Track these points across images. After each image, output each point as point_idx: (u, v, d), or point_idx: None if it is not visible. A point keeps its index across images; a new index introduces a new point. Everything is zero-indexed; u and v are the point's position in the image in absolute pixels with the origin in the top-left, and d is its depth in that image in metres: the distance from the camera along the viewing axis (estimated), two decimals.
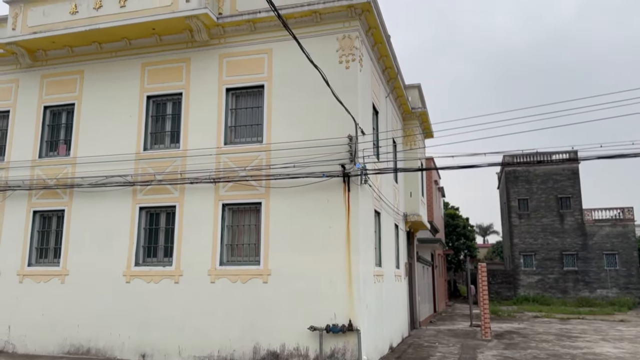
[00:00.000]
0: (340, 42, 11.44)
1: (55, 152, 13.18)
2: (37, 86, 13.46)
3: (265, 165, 11.37)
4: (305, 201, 10.98)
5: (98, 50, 12.90)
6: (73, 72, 13.17)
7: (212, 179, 11.57)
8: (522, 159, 39.85)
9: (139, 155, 12.22)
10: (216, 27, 11.98)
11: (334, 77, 10.62)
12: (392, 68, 14.36)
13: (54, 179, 12.69)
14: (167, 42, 12.44)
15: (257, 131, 11.81)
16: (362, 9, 11.31)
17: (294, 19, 11.52)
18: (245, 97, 12.14)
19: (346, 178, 10.77)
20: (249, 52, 12.04)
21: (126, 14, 12.01)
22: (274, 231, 11.07)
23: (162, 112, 12.58)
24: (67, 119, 13.23)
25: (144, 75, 12.58)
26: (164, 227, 12.00)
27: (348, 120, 10.82)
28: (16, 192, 12.94)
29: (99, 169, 12.24)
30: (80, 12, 12.43)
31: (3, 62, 13.89)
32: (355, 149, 10.78)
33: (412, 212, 17.68)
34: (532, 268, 39.31)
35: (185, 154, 11.94)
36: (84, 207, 12.38)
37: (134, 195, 12.09)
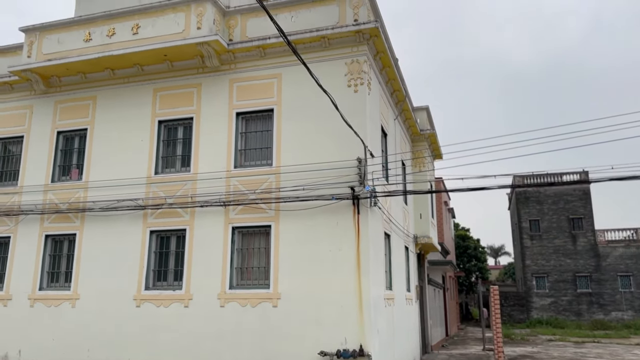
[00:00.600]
0: (349, 66, 11.58)
1: (67, 177, 13.34)
2: (51, 112, 13.71)
3: (274, 188, 11.42)
4: (315, 224, 10.98)
5: (111, 77, 13.15)
6: (86, 98, 13.42)
7: (222, 202, 11.62)
8: (533, 179, 39.64)
9: (150, 179, 12.33)
10: (227, 53, 12.20)
11: (343, 101, 10.72)
12: (400, 91, 14.47)
13: (66, 203, 12.81)
14: (178, 68, 12.67)
15: (267, 154, 11.89)
16: (370, 34, 11.47)
17: (303, 45, 11.70)
18: (255, 121, 12.27)
19: (356, 200, 10.77)
20: (259, 77, 12.21)
21: (138, 40, 12.28)
22: (284, 254, 11.04)
23: (173, 137, 12.74)
24: (80, 143, 13.43)
25: (156, 100, 12.78)
26: (174, 250, 12.03)
27: (357, 143, 10.88)
28: (29, 216, 13.07)
29: (111, 193, 12.35)
30: (94, 40, 12.72)
31: (18, 89, 14.19)
32: (364, 171, 10.81)
33: (423, 234, 17.57)
34: (544, 290, 38.71)
35: (196, 177, 12.03)
36: (95, 231, 12.46)
37: (144, 219, 12.17)
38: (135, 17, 12.42)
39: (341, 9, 11.80)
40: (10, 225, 13.27)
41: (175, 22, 12.08)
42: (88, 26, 12.84)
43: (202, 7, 11.93)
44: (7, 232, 13.29)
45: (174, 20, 12.10)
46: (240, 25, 12.50)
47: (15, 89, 14.22)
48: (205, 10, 11.90)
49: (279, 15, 11.96)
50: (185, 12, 12.04)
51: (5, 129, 14.20)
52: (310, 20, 11.98)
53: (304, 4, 12.08)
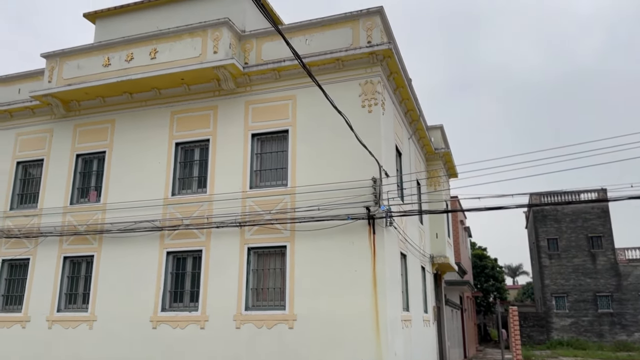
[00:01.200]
0: (363, 87, 11.67)
1: (86, 199, 13.53)
2: (70, 135, 13.99)
3: (290, 209, 11.45)
4: (331, 244, 10.95)
5: (129, 100, 13.41)
6: (105, 122, 13.68)
7: (237, 223, 11.67)
8: (550, 198, 39.14)
9: (167, 201, 12.45)
10: (242, 76, 12.38)
11: (357, 121, 10.78)
12: (414, 110, 14.51)
13: (84, 225, 12.97)
14: (195, 91, 12.88)
15: (282, 175, 11.96)
16: (384, 55, 11.57)
17: (317, 67, 11.84)
18: (270, 142, 12.37)
19: (371, 220, 10.74)
20: (274, 98, 12.35)
21: (156, 65, 12.54)
22: (299, 275, 11.01)
23: (189, 158, 12.89)
24: (98, 166, 13.64)
25: (173, 123, 12.98)
26: (190, 271, 12.06)
27: (372, 162, 10.90)
28: (48, 238, 13.24)
29: (128, 214, 12.48)
30: (113, 65, 13.03)
31: (39, 113, 14.53)
32: (379, 191, 10.80)
33: (439, 254, 17.40)
34: (564, 310, 37.88)
35: (212, 198, 12.11)
36: (113, 253, 12.57)
37: (161, 240, 12.25)
38: (153, 42, 12.71)
39: (354, 32, 11.95)
40: (30, 247, 13.45)
41: (192, 46, 12.34)
42: (107, 51, 13.17)
43: (219, 32, 12.17)
44: (26, 254, 13.46)
45: (191, 44, 12.36)
46: (255, 49, 12.71)
47: (36, 113, 14.56)
48: (222, 35, 12.14)
49: (294, 39, 12.14)
50: (202, 36, 12.30)
51: (26, 153, 14.50)
52: (324, 42, 12.14)
53: (318, 28, 12.26)
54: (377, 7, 11.80)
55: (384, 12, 11.90)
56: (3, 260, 13.77)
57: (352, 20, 12.02)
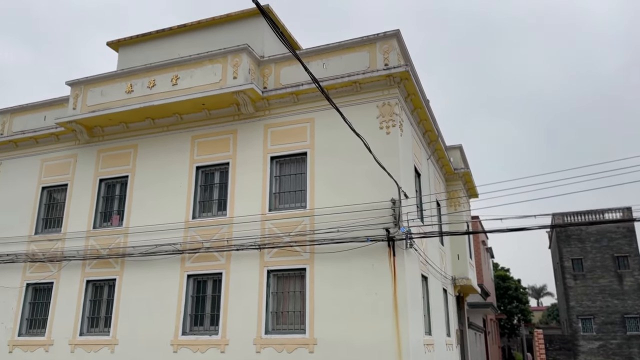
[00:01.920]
0: (380, 109, 11.73)
1: (108, 223, 13.73)
2: (94, 160, 14.29)
3: (309, 231, 11.44)
4: (350, 267, 10.89)
5: (151, 126, 13.69)
6: (127, 147, 13.96)
7: (257, 246, 11.69)
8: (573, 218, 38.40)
9: (187, 224, 12.57)
10: (261, 100, 12.56)
11: (375, 143, 10.81)
12: (432, 131, 14.50)
13: (107, 249, 13.14)
14: (215, 116, 13.10)
15: (301, 197, 11.99)
16: (401, 78, 11.65)
17: (335, 90, 11.96)
18: (289, 164, 12.46)
19: (391, 242, 10.67)
20: (292, 121, 12.48)
21: (178, 91, 12.81)
22: (319, 298, 10.94)
23: (210, 182, 13.03)
24: (121, 190, 13.87)
25: (194, 147, 13.18)
26: (210, 294, 12.08)
27: (391, 184, 10.88)
28: (71, 262, 13.44)
29: (150, 238, 12.62)
30: (136, 91, 13.35)
31: (64, 139, 14.89)
32: (399, 212, 10.75)
33: (461, 276, 17.14)
34: (592, 333, 36.77)
35: (232, 221, 12.19)
36: (135, 276, 12.68)
37: (182, 263, 12.33)
38: (175, 69, 13.01)
39: (371, 55, 12.08)
40: (54, 271, 13.66)
41: (212, 72, 12.59)
42: (130, 78, 13.51)
43: (238, 58, 12.42)
44: (50, 278, 13.66)
45: (211, 70, 12.62)
46: (274, 73, 12.91)
47: (61, 139, 14.93)
48: (241, 61, 12.38)
49: (311, 63, 12.31)
50: (221, 63, 12.56)
51: (50, 178, 14.83)
52: (341, 66, 12.28)
53: (335, 51, 12.43)
54: (393, 31, 11.93)
55: (400, 35, 12.02)
56: (27, 284, 13.98)
57: (369, 43, 12.16)
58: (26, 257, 14.06)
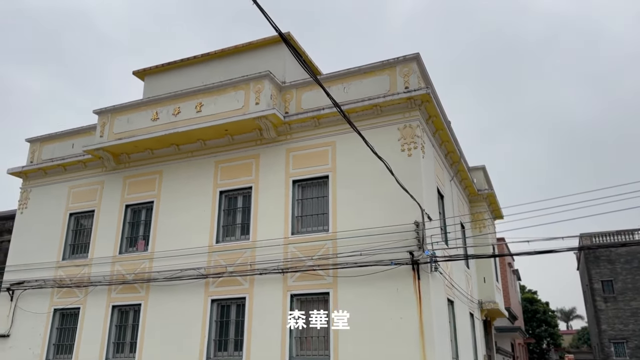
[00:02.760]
0: (402, 131, 11.75)
1: (134, 248, 13.91)
2: (120, 187, 14.57)
3: (332, 254, 11.40)
4: (374, 290, 10.77)
5: (176, 152, 13.94)
6: (153, 173, 14.22)
7: (280, 270, 11.68)
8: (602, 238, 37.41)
9: (211, 248, 12.65)
10: (283, 125, 12.72)
11: (397, 165, 10.79)
12: (454, 152, 14.42)
13: (132, 274, 13.28)
14: (238, 141, 13.28)
15: (323, 220, 11.99)
16: (422, 100, 11.68)
17: (355, 113, 12.04)
18: (311, 188, 12.50)
19: (415, 266, 10.54)
20: (314, 145, 12.57)
21: (202, 118, 13.06)
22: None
23: (233, 206, 13.14)
24: (146, 215, 14.08)
25: (217, 172, 13.36)
26: (234, 319, 12.06)
27: (413, 206, 10.80)
28: (97, 287, 13.61)
29: (174, 262, 12.72)
30: (161, 118, 13.65)
31: (91, 167, 15.25)
32: (422, 235, 10.64)
33: (488, 299, 16.78)
34: (625, 357, 35.37)
35: (255, 245, 12.23)
36: (159, 301, 12.75)
37: (206, 287, 12.37)
38: (199, 96, 13.30)
39: (392, 78, 12.16)
40: (80, 296, 13.84)
41: (235, 99, 12.83)
42: (155, 106, 13.84)
43: (260, 84, 12.64)
44: (77, 303, 13.84)
45: (234, 97, 12.86)
46: (295, 98, 13.08)
47: (88, 166, 15.28)
48: (263, 87, 12.59)
49: (332, 87, 12.45)
50: (244, 89, 12.80)
51: (78, 204, 15.15)
52: (361, 89, 12.39)
53: (355, 76, 12.56)
54: (413, 54, 12.01)
55: (420, 58, 12.10)
56: (55, 309, 14.18)
57: (389, 67, 12.26)
58: (54, 283, 14.30)
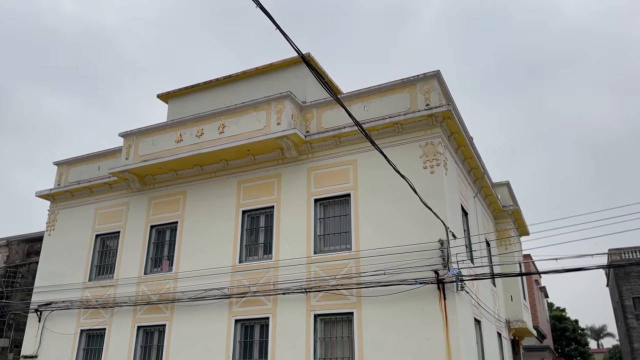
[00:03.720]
0: (423, 148, 11.69)
1: (159, 268, 14.04)
2: (145, 208, 14.78)
3: (355, 273, 11.31)
4: (399, 310, 10.62)
5: (199, 172, 14.11)
6: (177, 193, 14.40)
7: (303, 289, 11.62)
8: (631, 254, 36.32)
9: (234, 268, 12.68)
10: (304, 144, 12.79)
11: (420, 183, 10.72)
12: (477, 168, 14.27)
13: (157, 294, 13.37)
14: (260, 161, 13.39)
15: (346, 239, 11.93)
16: (443, 117, 11.63)
17: (376, 131, 12.04)
18: (333, 206, 12.48)
19: (441, 285, 10.38)
20: (335, 164, 12.59)
21: (224, 138, 13.23)
22: (368, 343, 10.67)
23: (255, 225, 13.19)
24: (171, 236, 14.23)
25: (240, 191, 13.46)
26: (258, 340, 12.00)
27: (437, 224, 10.68)
28: (123, 308, 13.73)
29: (198, 282, 12.78)
30: (185, 140, 13.87)
31: (116, 188, 15.52)
32: (447, 253, 10.50)
33: (515, 318, 16.39)
34: None
35: (278, 264, 12.22)
36: (184, 321, 12.78)
37: (230, 307, 12.37)
38: (222, 118, 13.50)
39: (412, 96, 12.16)
40: (106, 317, 13.97)
41: (257, 119, 12.98)
42: (179, 128, 14.08)
43: (281, 105, 12.77)
44: (103, 324, 13.97)
45: (255, 118, 13.01)
46: (316, 118, 13.16)
47: (114, 188, 15.57)
48: (284, 107, 12.72)
49: (352, 106, 12.50)
50: (266, 110, 12.94)
51: (104, 225, 15.40)
52: (382, 108, 12.41)
53: (375, 94, 12.59)
54: (433, 72, 12.01)
55: (440, 75, 12.09)
56: (81, 330, 14.34)
57: (409, 85, 12.27)
58: (80, 304, 14.48)
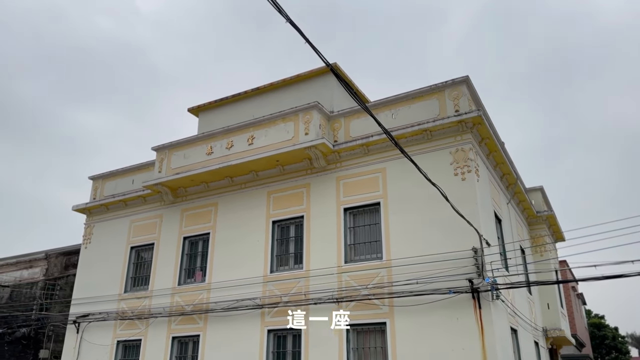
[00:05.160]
0: (454, 155, 11.54)
1: (192, 279, 14.23)
2: (178, 220, 15.03)
3: (387, 283, 11.20)
4: (433, 320, 10.46)
5: (230, 184, 14.29)
6: (208, 205, 14.61)
7: (334, 299, 11.58)
8: None
9: (266, 278, 12.74)
10: (332, 154, 12.80)
11: (451, 190, 10.57)
12: (510, 174, 13.99)
13: (191, 305, 13.55)
14: (289, 171, 13.47)
15: (376, 248, 11.85)
16: (473, 123, 11.47)
17: (405, 139, 11.97)
18: (362, 215, 12.43)
19: (475, 294, 10.18)
20: (364, 172, 12.55)
21: (254, 150, 13.38)
22: (402, 354, 10.53)
23: (285, 235, 13.25)
24: (203, 247, 14.42)
25: (270, 202, 13.56)
26: (290, 350, 12.00)
27: (470, 231, 10.50)
28: (158, 319, 13.95)
29: (231, 293, 12.89)
30: (215, 152, 14.09)
31: (150, 201, 15.86)
32: (482, 261, 10.29)
33: (553, 327, 15.91)
34: None
35: (308, 274, 12.22)
36: (217, 332, 12.89)
37: (262, 318, 12.42)
38: (251, 129, 13.66)
39: (441, 102, 12.04)
40: (142, 328, 14.22)
41: (285, 130, 13.08)
42: (209, 141, 14.31)
43: (309, 115, 12.84)
44: (138, 335, 14.22)
45: (284, 128, 13.12)
46: (344, 127, 13.18)
47: (148, 201, 15.90)
48: (312, 117, 12.78)
49: (380, 114, 12.44)
50: (293, 120, 13.04)
51: (138, 238, 15.74)
52: (410, 115, 12.33)
53: (403, 102, 12.53)
54: (462, 77, 11.87)
55: (469, 80, 11.94)
56: (118, 341, 14.62)
57: (437, 91, 12.16)
58: (116, 315, 14.79)
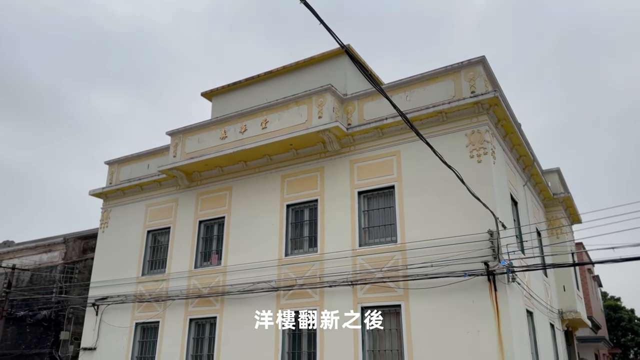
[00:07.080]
0: (470, 137, 11.41)
1: (208, 262, 14.39)
2: (193, 204, 15.16)
3: (401, 266, 11.22)
4: (448, 303, 10.47)
5: (244, 168, 14.34)
6: (223, 189, 14.69)
7: (349, 282, 11.64)
8: None
9: (281, 261, 12.84)
10: (346, 137, 12.74)
11: (467, 172, 10.49)
12: (526, 156, 13.82)
13: (207, 288, 13.73)
14: (303, 155, 13.46)
15: (391, 231, 11.84)
16: (489, 104, 11.30)
17: (420, 121, 11.85)
18: (377, 199, 12.40)
19: (491, 277, 10.15)
20: (378, 155, 12.48)
21: (267, 134, 13.37)
22: (417, 336, 10.59)
23: (300, 219, 13.29)
24: (218, 231, 14.54)
25: (284, 186, 13.59)
26: (306, 332, 12.12)
27: (486, 214, 10.43)
28: (175, 301, 14.18)
29: (246, 275, 13.02)
30: (229, 137, 14.11)
31: (165, 185, 15.99)
32: (497, 244, 10.24)
33: (569, 309, 15.85)
34: None
35: (323, 257, 12.28)
36: (233, 314, 13.07)
37: (277, 300, 12.55)
38: (264, 113, 13.63)
39: (456, 84, 11.87)
40: (159, 310, 14.47)
41: (298, 113, 13.03)
42: (223, 125, 14.33)
43: (322, 98, 12.76)
44: (156, 317, 14.48)
45: (297, 112, 13.06)
46: (357, 110, 13.08)
47: (163, 185, 16.04)
48: (325, 100, 12.70)
49: (394, 96, 12.30)
50: (307, 104, 12.97)
51: (155, 222, 15.91)
52: (425, 96, 12.18)
53: (418, 83, 12.38)
54: (479, 57, 11.68)
55: (486, 61, 11.74)
56: (136, 323, 14.91)
57: (453, 72, 11.98)
58: (134, 298, 15.05)
